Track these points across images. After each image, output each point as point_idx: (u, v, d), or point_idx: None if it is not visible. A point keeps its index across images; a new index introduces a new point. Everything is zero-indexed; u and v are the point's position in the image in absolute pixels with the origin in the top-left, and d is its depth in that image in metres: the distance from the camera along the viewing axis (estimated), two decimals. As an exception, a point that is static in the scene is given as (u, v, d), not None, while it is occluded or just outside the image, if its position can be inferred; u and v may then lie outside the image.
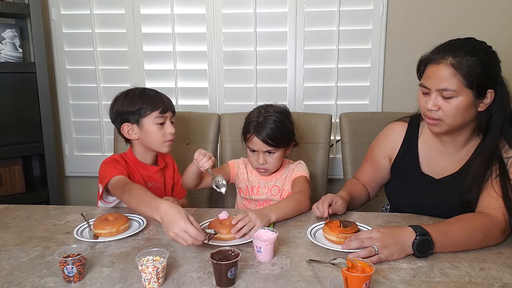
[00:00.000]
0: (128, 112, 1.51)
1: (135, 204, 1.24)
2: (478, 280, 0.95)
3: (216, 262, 0.91)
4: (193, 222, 1.06)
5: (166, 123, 1.53)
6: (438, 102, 1.16)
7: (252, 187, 1.58)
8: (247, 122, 1.51)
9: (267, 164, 1.50)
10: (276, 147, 1.47)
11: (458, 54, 1.13)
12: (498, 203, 1.13)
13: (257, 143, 1.46)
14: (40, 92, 2.12)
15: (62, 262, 0.93)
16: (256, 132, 1.45)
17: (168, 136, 1.53)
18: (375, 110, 2.17)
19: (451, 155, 1.29)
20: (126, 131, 1.52)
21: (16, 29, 2.10)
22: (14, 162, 2.13)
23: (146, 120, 1.50)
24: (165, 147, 1.54)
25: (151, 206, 1.15)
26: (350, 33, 2.12)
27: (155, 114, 1.50)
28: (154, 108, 1.50)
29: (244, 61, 2.19)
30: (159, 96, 1.55)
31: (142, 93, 1.54)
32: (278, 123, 1.46)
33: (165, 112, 1.52)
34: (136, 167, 1.55)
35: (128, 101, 1.52)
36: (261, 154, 1.48)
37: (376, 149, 1.46)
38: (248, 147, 1.51)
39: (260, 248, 1.03)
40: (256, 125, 1.46)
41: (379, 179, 1.47)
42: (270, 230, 1.08)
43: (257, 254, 1.05)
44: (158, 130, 1.51)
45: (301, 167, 1.57)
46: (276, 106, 1.53)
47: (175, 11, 2.17)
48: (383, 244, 1.03)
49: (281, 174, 1.58)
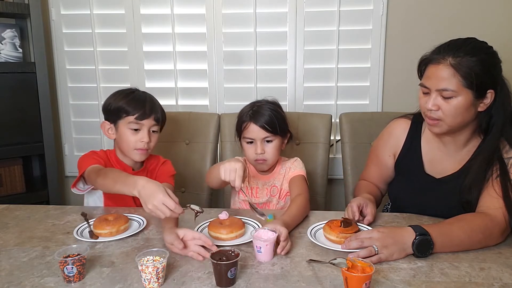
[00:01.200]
0: (110, 110, 1.48)
1: (110, 184, 1.23)
2: (478, 280, 0.95)
3: (216, 262, 0.91)
4: (171, 195, 1.08)
5: (142, 130, 1.45)
6: (438, 102, 1.17)
7: (251, 188, 1.56)
8: (240, 116, 1.51)
9: (265, 154, 1.47)
10: (274, 134, 1.46)
11: (458, 54, 1.13)
12: (498, 203, 1.13)
13: (254, 131, 1.46)
14: (40, 92, 2.12)
15: (62, 262, 0.93)
16: (252, 119, 1.45)
17: (139, 144, 1.45)
18: (375, 110, 2.17)
19: (452, 155, 1.29)
20: (106, 129, 1.50)
21: (16, 29, 2.10)
22: (14, 162, 2.13)
23: (121, 122, 1.46)
24: (136, 155, 1.47)
25: (128, 182, 1.16)
26: (350, 33, 2.11)
27: (130, 119, 1.44)
28: (131, 112, 1.44)
29: (244, 61, 2.19)
30: (143, 102, 1.47)
31: (129, 95, 1.48)
32: (273, 111, 1.48)
33: (142, 119, 1.44)
34: (115, 165, 1.51)
35: (113, 99, 1.48)
36: (258, 143, 1.46)
37: (380, 147, 1.46)
38: (244, 139, 1.50)
39: (260, 248, 1.03)
40: (251, 113, 1.47)
41: (386, 178, 1.47)
42: (270, 230, 1.07)
43: (257, 254, 1.05)
44: (130, 136, 1.45)
45: (298, 165, 1.55)
46: (266, 99, 1.55)
47: (175, 11, 2.17)
48: (383, 244, 1.03)
49: (278, 173, 1.56)
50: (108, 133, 1.50)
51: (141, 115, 1.44)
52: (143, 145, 1.45)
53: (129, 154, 1.48)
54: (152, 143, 1.48)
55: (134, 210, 1.39)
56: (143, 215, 1.31)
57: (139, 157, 1.48)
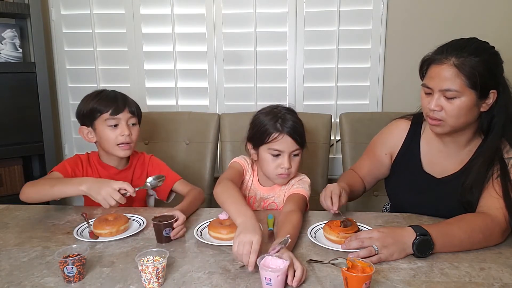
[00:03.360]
0: (83, 114, 1.47)
1: (46, 189, 1.30)
2: (478, 280, 0.95)
3: (155, 223, 1.15)
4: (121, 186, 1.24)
5: (120, 125, 1.44)
6: (441, 102, 1.16)
7: (249, 197, 1.46)
8: (262, 124, 1.36)
9: (291, 168, 1.35)
10: (301, 146, 1.36)
11: (462, 54, 1.13)
12: (498, 203, 1.13)
13: (285, 142, 1.32)
14: (40, 92, 2.12)
15: (62, 262, 0.93)
16: (284, 129, 1.32)
17: (120, 138, 1.44)
18: (375, 110, 2.17)
19: (453, 155, 1.29)
20: (85, 134, 1.49)
21: (16, 29, 2.10)
22: (14, 162, 2.13)
23: (98, 122, 1.45)
24: (120, 151, 1.46)
25: (72, 182, 1.28)
26: (350, 33, 2.11)
27: (105, 116, 1.43)
28: (104, 109, 1.43)
29: (244, 61, 2.19)
30: (113, 97, 1.47)
31: (98, 94, 1.47)
32: (297, 120, 1.37)
33: (117, 113, 1.44)
34: (97, 167, 1.52)
35: (83, 104, 1.48)
36: (286, 156, 1.33)
37: (378, 144, 1.46)
38: (270, 150, 1.35)
39: (270, 280, 0.88)
40: (281, 122, 1.33)
41: (377, 174, 1.47)
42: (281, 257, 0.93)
43: (265, 287, 0.89)
44: (110, 133, 1.44)
45: (302, 185, 1.40)
46: (283, 105, 1.42)
47: (175, 11, 2.17)
48: (383, 244, 1.03)
49: (280, 188, 1.44)
50: (88, 137, 1.50)
51: (115, 110, 1.44)
52: (124, 139, 1.44)
53: (113, 152, 1.47)
54: (133, 136, 1.48)
55: (134, 210, 1.39)
56: (143, 215, 1.32)
57: (123, 153, 1.47)
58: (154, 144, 2.00)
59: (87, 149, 1.57)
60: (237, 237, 0.99)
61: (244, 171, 1.45)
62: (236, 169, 1.43)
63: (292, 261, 0.93)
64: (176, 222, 1.17)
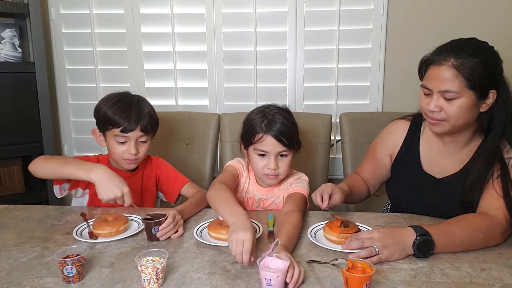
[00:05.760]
0: (99, 117, 1.45)
1: (59, 165, 1.30)
2: (479, 280, 0.94)
3: (144, 221, 1.17)
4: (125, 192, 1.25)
5: (128, 142, 1.42)
6: (440, 103, 1.16)
7: (248, 198, 1.45)
8: (251, 124, 1.36)
9: (278, 169, 1.34)
10: (289, 148, 1.34)
11: (460, 55, 1.13)
12: (499, 203, 1.13)
13: (269, 143, 1.31)
14: (40, 92, 2.12)
15: (62, 263, 0.93)
16: (268, 130, 1.31)
17: (126, 155, 1.43)
18: (375, 110, 2.16)
19: (453, 155, 1.29)
20: (97, 135, 1.49)
21: (15, 28, 2.10)
22: (14, 162, 2.13)
23: (108, 133, 1.44)
24: (125, 165, 1.46)
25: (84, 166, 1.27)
26: (350, 32, 2.11)
27: (115, 131, 1.40)
28: (115, 124, 1.40)
29: (244, 61, 2.19)
30: (129, 111, 1.41)
31: (116, 103, 1.43)
32: (289, 121, 1.35)
33: (127, 132, 1.40)
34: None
35: (103, 104, 1.44)
36: (272, 157, 1.32)
37: (378, 146, 1.46)
38: (255, 150, 1.35)
39: (270, 280, 0.88)
40: (266, 123, 1.32)
41: (380, 177, 1.47)
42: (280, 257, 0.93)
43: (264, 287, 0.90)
44: (117, 147, 1.42)
45: (301, 183, 1.40)
46: (276, 105, 1.41)
47: (175, 11, 2.17)
48: (384, 244, 1.03)
49: (278, 188, 1.43)
50: (99, 140, 1.50)
51: (125, 128, 1.40)
52: (130, 156, 1.43)
53: (118, 163, 1.48)
54: (140, 153, 1.45)
55: (134, 211, 1.39)
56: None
57: (128, 166, 1.48)
58: (154, 144, 1.98)
59: (87, 149, 1.57)
60: (229, 237, 0.99)
61: (239, 174, 1.43)
62: (230, 172, 1.42)
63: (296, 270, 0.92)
64: (165, 222, 1.16)
